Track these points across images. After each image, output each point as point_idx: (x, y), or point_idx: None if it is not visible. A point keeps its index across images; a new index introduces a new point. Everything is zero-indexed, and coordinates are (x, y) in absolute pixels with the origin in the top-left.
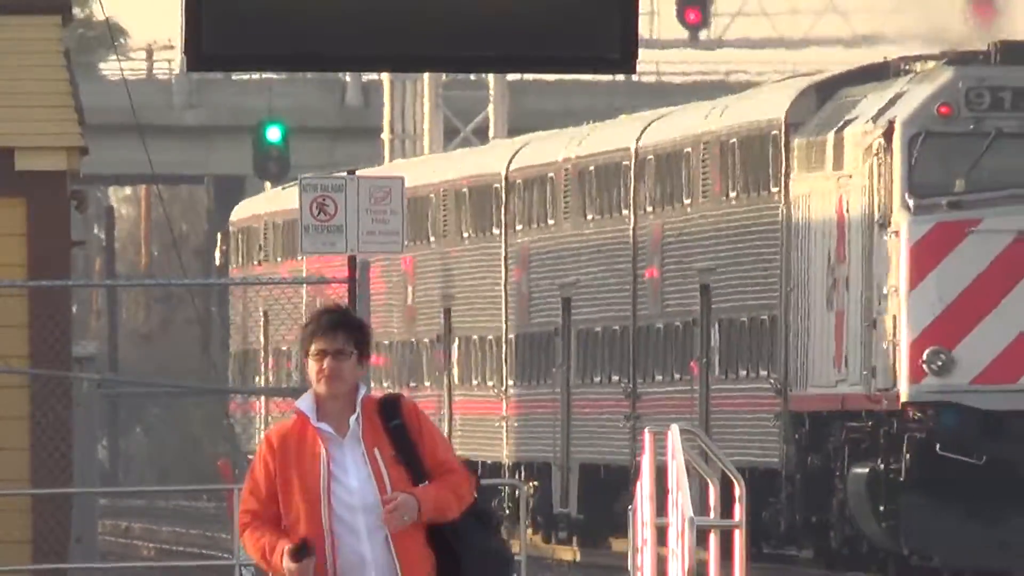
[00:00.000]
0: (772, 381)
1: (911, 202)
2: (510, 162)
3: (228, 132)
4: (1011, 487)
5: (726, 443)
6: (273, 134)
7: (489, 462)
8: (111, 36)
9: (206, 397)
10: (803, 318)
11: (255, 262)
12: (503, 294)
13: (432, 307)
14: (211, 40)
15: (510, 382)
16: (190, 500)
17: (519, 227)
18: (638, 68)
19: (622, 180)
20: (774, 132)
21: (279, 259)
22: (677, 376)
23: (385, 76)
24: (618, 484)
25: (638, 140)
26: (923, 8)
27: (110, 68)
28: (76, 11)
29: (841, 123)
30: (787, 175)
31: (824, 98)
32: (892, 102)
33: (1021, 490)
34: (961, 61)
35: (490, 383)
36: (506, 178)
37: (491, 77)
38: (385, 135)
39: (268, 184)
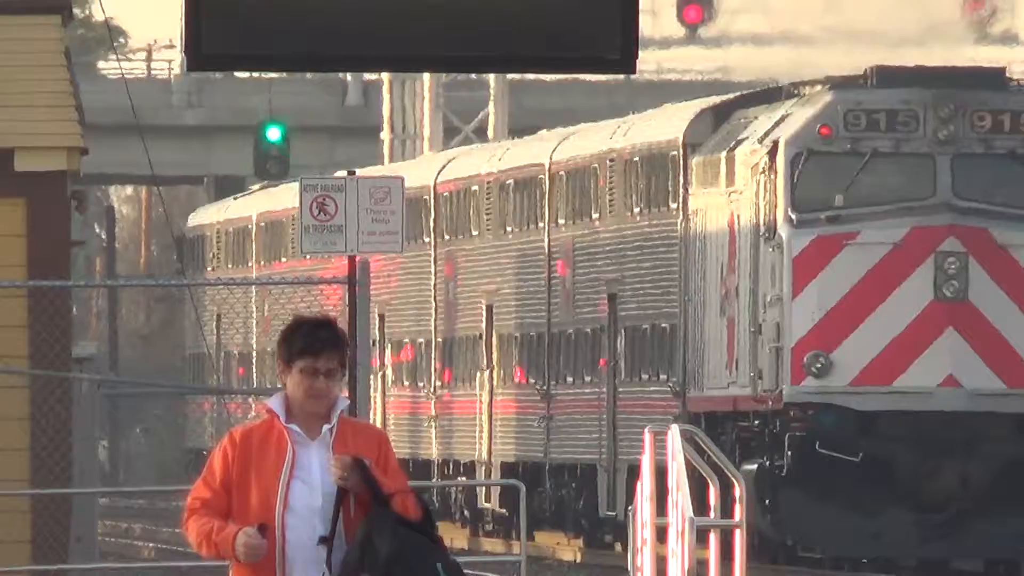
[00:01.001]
0: (671, 384)
1: (793, 216)
2: (438, 175)
3: (228, 132)
4: (885, 483)
5: (631, 443)
6: (273, 134)
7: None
8: (111, 36)
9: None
10: (699, 325)
11: (209, 268)
12: (432, 301)
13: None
14: (211, 40)
15: (437, 383)
16: None
17: (447, 236)
18: (638, 67)
19: (537, 194)
20: (673, 152)
21: (229, 266)
22: (587, 379)
23: (385, 76)
24: (531, 479)
25: (551, 156)
26: (921, 8)
27: (110, 68)
28: (76, 11)
29: (733, 143)
30: (685, 192)
31: (719, 120)
32: (778, 124)
33: (894, 485)
34: (841, 85)
35: (420, 384)
36: (434, 190)
37: (491, 77)
38: (385, 135)
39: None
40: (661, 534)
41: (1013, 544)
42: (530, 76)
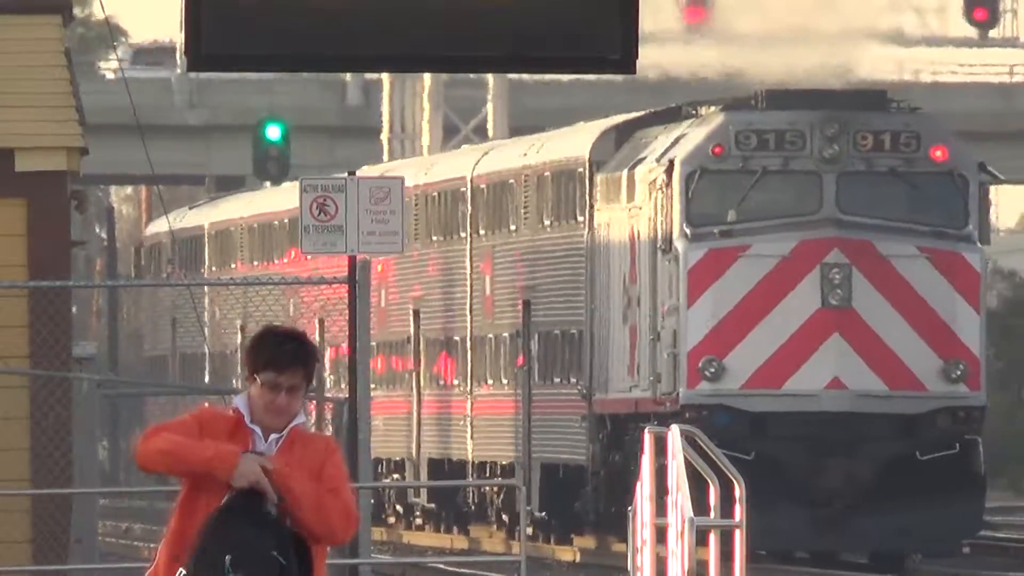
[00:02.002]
0: (579, 387)
1: (688, 231)
2: None
3: (228, 132)
4: (776, 479)
5: (544, 442)
6: (273, 133)
7: None
8: (111, 36)
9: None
10: (604, 331)
11: (164, 275)
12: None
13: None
14: (211, 40)
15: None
16: None
17: None
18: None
19: (460, 206)
20: (580, 169)
21: (184, 273)
22: (504, 382)
23: (385, 76)
24: (455, 475)
25: (473, 170)
26: (918, 8)
27: (110, 68)
28: (76, 11)
29: (634, 162)
30: (591, 206)
31: (622, 139)
32: (674, 143)
33: (785, 482)
34: (733, 107)
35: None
36: None
37: (491, 77)
38: (384, 135)
39: (268, 183)
40: (661, 534)
41: (896, 538)
42: (529, 76)
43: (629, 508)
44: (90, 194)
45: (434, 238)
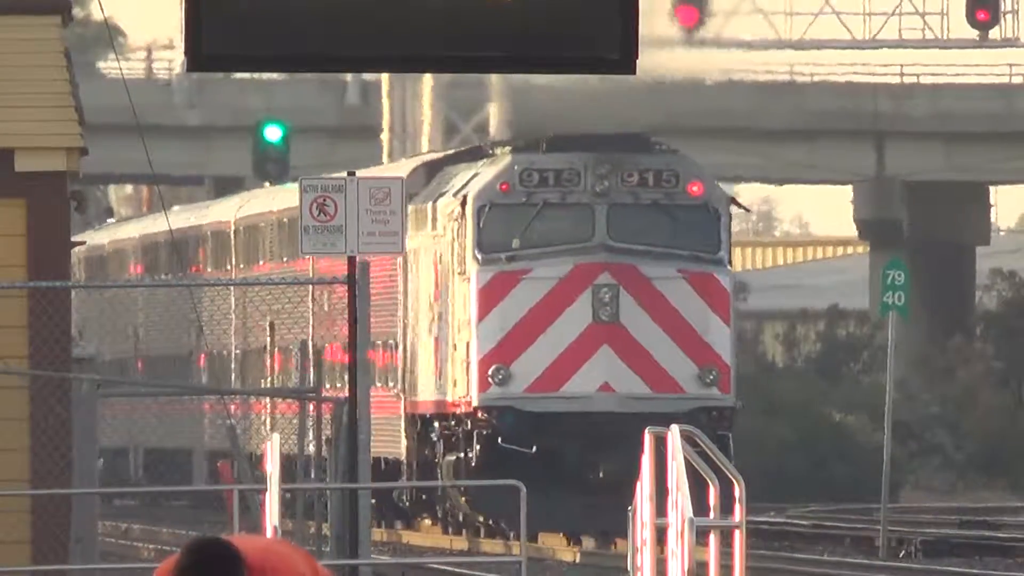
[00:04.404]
0: (396, 390)
1: (479, 256)
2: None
3: (228, 132)
4: (555, 470)
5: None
6: (273, 134)
7: None
8: (110, 36)
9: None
10: (415, 342)
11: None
12: (232, 317)
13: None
14: (211, 40)
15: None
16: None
17: (241, 265)
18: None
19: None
20: None
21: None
22: (338, 384)
23: (385, 76)
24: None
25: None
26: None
27: (110, 68)
28: (76, 11)
29: (438, 195)
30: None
31: (431, 174)
32: (470, 181)
33: (563, 473)
34: (519, 149)
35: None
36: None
37: (491, 77)
38: (384, 135)
39: (267, 183)
40: (661, 534)
41: None
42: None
43: (629, 508)
44: (90, 194)
45: (284, 259)
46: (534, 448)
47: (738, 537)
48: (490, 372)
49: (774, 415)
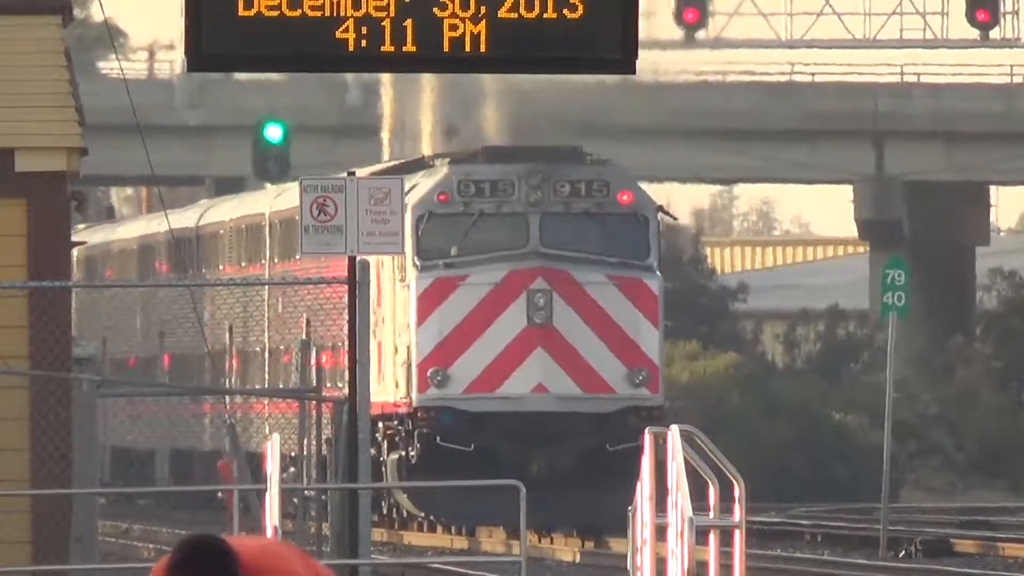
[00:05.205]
0: (345, 392)
1: (418, 263)
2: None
3: (228, 132)
4: (492, 468)
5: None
6: (273, 133)
7: None
8: (110, 36)
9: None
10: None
11: None
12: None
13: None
14: (211, 41)
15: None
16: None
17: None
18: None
19: (261, 236)
20: None
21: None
22: (286, 386)
23: (385, 76)
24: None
25: (271, 206)
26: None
27: (110, 68)
28: (76, 11)
29: None
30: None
31: None
32: (409, 191)
33: (499, 469)
34: (457, 161)
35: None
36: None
37: (491, 77)
38: (384, 135)
39: (268, 184)
40: (661, 534)
41: (594, 515)
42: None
43: (629, 508)
44: (90, 194)
45: (242, 263)
46: (472, 446)
47: (738, 537)
48: (429, 374)
49: (774, 415)
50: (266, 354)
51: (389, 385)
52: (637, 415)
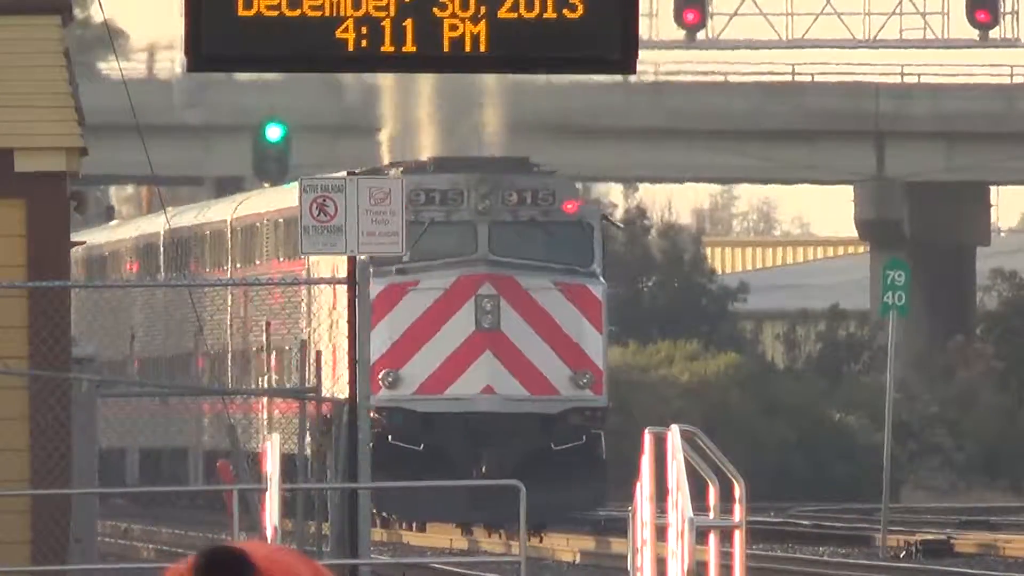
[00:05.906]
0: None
1: (371, 269)
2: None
3: (228, 132)
4: (442, 466)
5: (284, 436)
6: (273, 133)
7: None
8: (110, 36)
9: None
10: (317, 347)
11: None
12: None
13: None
14: (211, 41)
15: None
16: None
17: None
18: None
19: (224, 243)
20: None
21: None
22: (252, 385)
23: (385, 76)
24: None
25: (234, 213)
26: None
27: (110, 68)
28: (76, 11)
29: None
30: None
31: None
32: None
33: (449, 468)
34: (410, 170)
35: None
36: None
37: (491, 77)
38: (384, 135)
39: (267, 184)
40: (661, 534)
41: (540, 512)
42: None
43: (629, 508)
44: (90, 194)
45: (207, 269)
46: (422, 445)
47: (738, 537)
48: (380, 376)
49: (774, 415)
50: (231, 357)
51: (343, 386)
52: (581, 415)
